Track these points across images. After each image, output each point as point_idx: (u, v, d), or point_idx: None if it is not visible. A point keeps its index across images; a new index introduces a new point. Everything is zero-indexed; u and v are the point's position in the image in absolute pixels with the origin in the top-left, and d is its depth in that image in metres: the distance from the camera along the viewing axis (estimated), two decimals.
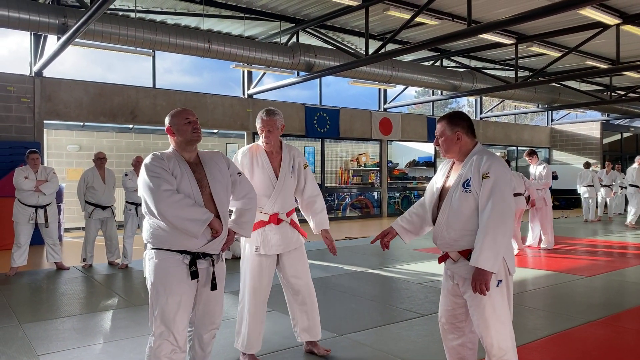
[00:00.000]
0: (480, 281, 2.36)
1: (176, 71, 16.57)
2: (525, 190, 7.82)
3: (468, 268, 2.47)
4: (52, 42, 8.87)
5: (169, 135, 2.73)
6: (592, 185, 13.02)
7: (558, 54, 11.39)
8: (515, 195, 7.77)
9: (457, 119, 2.61)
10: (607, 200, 13.51)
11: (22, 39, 12.79)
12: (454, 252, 2.58)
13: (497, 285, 2.45)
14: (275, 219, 3.35)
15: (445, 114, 2.67)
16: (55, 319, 4.48)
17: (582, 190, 13.10)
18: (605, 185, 13.36)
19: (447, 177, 2.68)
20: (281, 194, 3.36)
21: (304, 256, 3.50)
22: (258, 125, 3.37)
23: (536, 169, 8.46)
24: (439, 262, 2.73)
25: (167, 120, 2.74)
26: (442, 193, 2.66)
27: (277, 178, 3.36)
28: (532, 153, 8.50)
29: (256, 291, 3.40)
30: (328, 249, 3.46)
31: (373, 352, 3.54)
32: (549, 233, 8.26)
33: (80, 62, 14.55)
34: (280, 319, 4.32)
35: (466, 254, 2.51)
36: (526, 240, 8.55)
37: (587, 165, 13.28)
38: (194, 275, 2.58)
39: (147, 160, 2.62)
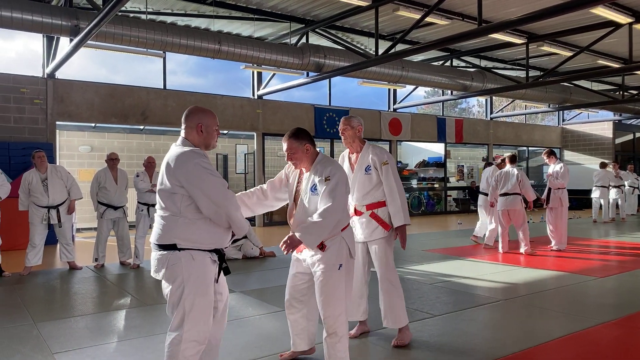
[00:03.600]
0: (291, 245, 2.88)
1: (181, 72, 16.68)
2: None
3: (318, 257, 3.00)
4: (64, 44, 8.96)
5: (194, 131, 2.65)
6: (605, 187, 12.89)
7: (569, 54, 11.31)
8: (504, 195, 7.73)
9: (303, 134, 3.12)
10: (619, 200, 13.36)
11: (30, 41, 12.92)
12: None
13: (339, 269, 2.98)
14: (355, 211, 3.77)
15: (291, 132, 3.14)
16: (69, 317, 4.52)
17: (593, 191, 12.97)
18: (615, 186, 13.21)
19: (299, 182, 3.18)
20: (356, 189, 3.75)
21: (382, 248, 3.72)
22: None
23: (554, 169, 8.36)
24: (298, 252, 3.17)
25: (199, 115, 2.68)
26: (296, 195, 3.17)
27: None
28: (550, 153, 8.43)
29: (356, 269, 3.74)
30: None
31: (385, 352, 3.53)
32: (562, 234, 8.17)
33: (87, 64, 14.69)
34: None
35: (319, 245, 2.99)
36: (550, 243, 8.35)
37: (603, 165, 13.14)
38: (227, 271, 2.68)
39: (196, 157, 2.51)
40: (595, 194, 12.91)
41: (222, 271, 2.67)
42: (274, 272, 6.53)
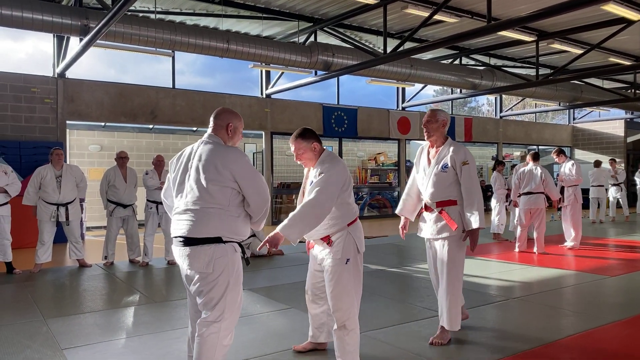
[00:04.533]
0: (271, 242, 2.88)
1: (189, 73, 16.74)
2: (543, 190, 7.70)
3: (326, 251, 3.07)
4: (74, 45, 9.02)
5: (223, 130, 2.76)
6: (601, 185, 12.62)
7: (580, 51, 11.20)
8: (527, 194, 7.64)
9: (310, 133, 3.18)
10: (620, 199, 13.10)
11: (40, 42, 13.02)
12: (318, 240, 3.13)
13: (346, 263, 3.01)
14: (425, 207, 3.79)
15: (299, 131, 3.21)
16: (78, 314, 4.54)
17: (590, 190, 12.60)
18: (614, 184, 12.97)
19: (307, 178, 3.25)
20: (429, 185, 3.72)
21: (446, 246, 3.66)
22: None
23: (565, 167, 8.28)
24: (310, 248, 3.28)
25: (229, 116, 2.78)
26: (304, 191, 3.25)
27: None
28: (560, 152, 8.36)
29: (429, 265, 3.94)
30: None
31: (394, 350, 3.51)
32: (579, 231, 8.07)
33: (96, 64, 14.78)
34: (297, 316, 4.32)
35: (325, 240, 3.08)
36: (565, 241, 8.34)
37: (597, 163, 12.87)
38: (248, 262, 2.81)
39: (245, 155, 2.68)
40: (592, 194, 12.57)
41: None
42: (282, 270, 6.53)
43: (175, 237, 2.65)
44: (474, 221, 3.53)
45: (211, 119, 2.81)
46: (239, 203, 2.65)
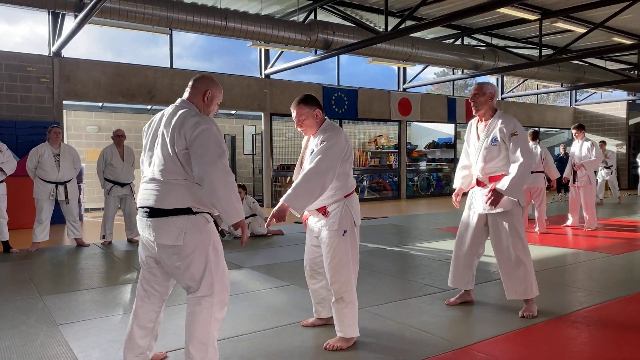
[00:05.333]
0: (278, 215, 2.83)
1: (186, 57, 16.55)
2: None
3: (322, 222, 3.02)
4: (70, 24, 8.84)
5: (199, 96, 2.57)
6: (607, 167, 12.45)
7: (583, 30, 11.03)
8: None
9: (312, 100, 3.08)
10: (610, 181, 12.91)
11: (36, 25, 12.83)
12: (314, 211, 3.06)
13: (343, 235, 2.97)
14: (477, 182, 3.75)
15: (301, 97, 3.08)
16: (75, 291, 4.49)
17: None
18: (605, 167, 12.80)
19: (306, 147, 3.16)
20: (479, 159, 3.68)
21: (506, 221, 3.59)
22: None
23: (583, 147, 8.04)
24: (305, 220, 3.22)
25: (207, 83, 2.61)
26: (302, 161, 3.18)
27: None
28: (580, 127, 8.14)
29: (459, 236, 3.89)
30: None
31: (395, 324, 3.45)
32: (592, 213, 7.95)
33: (92, 46, 14.58)
34: (297, 292, 4.27)
35: (321, 210, 3.02)
36: (567, 220, 8.29)
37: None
38: (223, 234, 2.68)
39: (213, 125, 2.44)
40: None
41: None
42: (282, 249, 6.47)
43: (141, 207, 2.50)
44: (502, 184, 3.49)
45: (189, 83, 2.63)
46: None
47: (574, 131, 8.20)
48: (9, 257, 6.11)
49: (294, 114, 3.08)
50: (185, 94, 2.63)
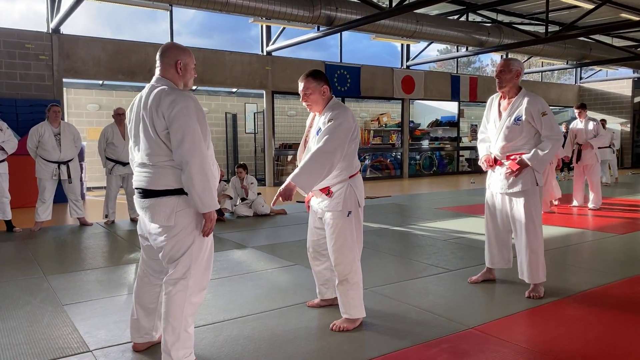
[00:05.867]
0: (285, 194, 2.78)
1: (185, 34, 16.32)
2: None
3: (326, 203, 2.97)
4: (68, 1, 8.68)
5: (172, 69, 2.46)
6: (609, 147, 12.26)
7: (591, 6, 10.82)
8: None
9: (322, 75, 3.01)
10: (610, 160, 12.75)
11: (33, 3, 12.61)
12: (317, 191, 2.98)
13: (348, 216, 2.93)
14: (495, 160, 3.69)
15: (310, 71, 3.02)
16: (79, 271, 4.48)
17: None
18: (607, 147, 12.61)
19: (311, 126, 3.10)
20: (500, 138, 3.62)
21: (521, 201, 3.57)
22: None
23: (588, 124, 7.94)
24: (307, 201, 3.17)
25: (176, 52, 2.49)
26: (306, 140, 3.10)
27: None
28: (583, 106, 8.05)
29: (487, 217, 3.87)
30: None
31: (401, 305, 3.44)
32: (597, 191, 7.90)
33: (90, 24, 14.39)
34: (302, 273, 4.26)
35: (325, 191, 2.96)
36: (573, 201, 8.23)
37: (602, 124, 12.48)
38: (221, 213, 2.61)
39: (190, 101, 2.35)
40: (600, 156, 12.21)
41: None
42: (285, 229, 6.45)
43: (136, 188, 2.49)
44: (528, 157, 3.48)
45: (157, 57, 2.50)
46: None
47: (576, 111, 8.11)
48: (12, 237, 6.11)
49: (300, 86, 3.00)
50: (157, 70, 2.52)
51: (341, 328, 2.98)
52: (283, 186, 2.80)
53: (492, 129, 3.73)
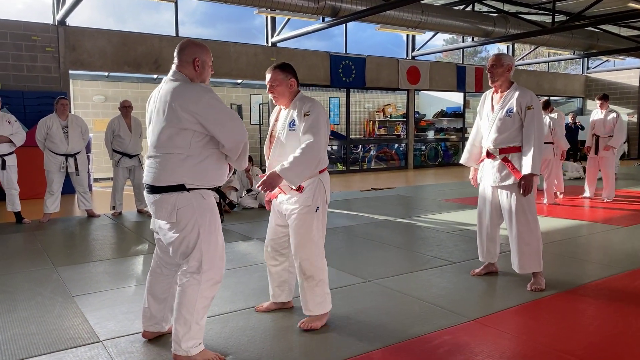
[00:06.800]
0: (270, 183, 2.77)
1: (189, 23, 16.27)
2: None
3: (294, 198, 2.91)
4: None
5: (190, 66, 2.49)
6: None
7: None
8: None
9: (290, 68, 2.96)
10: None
11: None
12: (286, 187, 2.91)
13: (316, 211, 2.89)
14: (487, 154, 3.76)
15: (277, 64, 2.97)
16: (88, 262, 4.56)
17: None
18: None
19: (277, 120, 3.07)
20: (492, 131, 3.69)
21: (512, 195, 3.63)
22: None
23: (608, 117, 7.88)
24: (272, 198, 3.09)
25: (194, 49, 2.51)
26: (272, 134, 3.07)
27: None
28: (605, 97, 8.01)
29: (479, 211, 3.98)
30: None
31: (403, 297, 3.49)
32: (611, 184, 7.88)
33: (95, 15, 14.36)
34: None
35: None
36: (584, 192, 8.25)
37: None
38: (232, 206, 2.73)
39: (204, 91, 2.41)
40: None
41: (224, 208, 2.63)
42: None
43: (144, 183, 2.55)
44: (526, 166, 3.51)
45: (175, 54, 2.53)
46: (204, 145, 2.44)
47: (598, 102, 8.07)
48: (22, 228, 6.20)
49: (267, 77, 2.98)
50: (174, 65, 2.55)
51: (310, 327, 2.94)
52: (268, 175, 2.77)
53: (485, 123, 3.80)
